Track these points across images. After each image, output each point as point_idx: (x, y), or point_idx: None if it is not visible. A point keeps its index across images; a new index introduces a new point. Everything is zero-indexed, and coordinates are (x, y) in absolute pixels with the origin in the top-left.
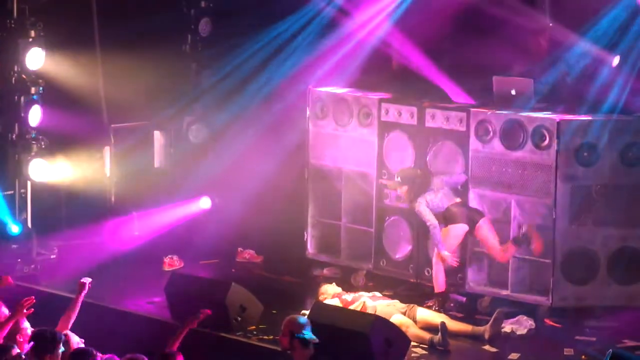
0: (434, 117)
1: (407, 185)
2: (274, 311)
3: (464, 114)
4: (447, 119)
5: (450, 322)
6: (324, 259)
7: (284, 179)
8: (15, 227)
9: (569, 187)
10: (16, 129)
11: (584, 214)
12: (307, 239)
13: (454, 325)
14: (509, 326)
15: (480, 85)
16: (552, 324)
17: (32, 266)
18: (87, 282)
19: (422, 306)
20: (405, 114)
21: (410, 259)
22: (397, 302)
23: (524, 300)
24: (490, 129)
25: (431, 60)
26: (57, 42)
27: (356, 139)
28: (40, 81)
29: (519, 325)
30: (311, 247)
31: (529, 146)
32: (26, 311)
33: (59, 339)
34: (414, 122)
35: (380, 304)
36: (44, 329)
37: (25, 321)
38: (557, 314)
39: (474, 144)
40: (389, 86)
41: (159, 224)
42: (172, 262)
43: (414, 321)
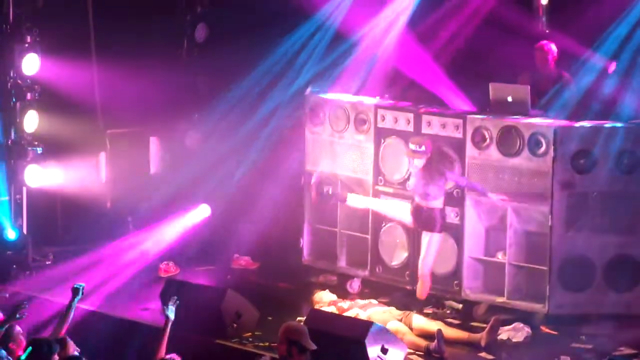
0: (430, 123)
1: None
2: (270, 318)
3: (460, 121)
4: (443, 126)
5: (446, 329)
6: (320, 266)
7: (280, 185)
8: (12, 233)
9: (565, 194)
10: (12, 135)
11: (581, 221)
12: (303, 245)
13: (450, 332)
14: (505, 333)
15: (481, 92)
16: (548, 331)
17: (28, 272)
18: (81, 287)
19: (418, 313)
20: (401, 120)
21: (406, 266)
22: (393, 309)
23: (520, 307)
24: (486, 136)
25: (438, 67)
26: (53, 48)
27: (352, 146)
28: (36, 87)
29: (515, 332)
30: (307, 254)
31: (526, 153)
32: (19, 317)
33: (54, 350)
34: (411, 128)
35: (375, 311)
36: (41, 338)
37: (17, 327)
38: (553, 321)
39: (470, 150)
40: (392, 92)
41: (164, 239)
42: (167, 269)
43: (410, 328)
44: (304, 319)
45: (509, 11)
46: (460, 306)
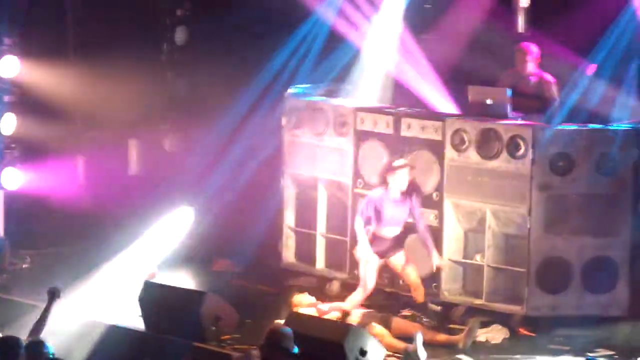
0: (409, 126)
1: None
2: (249, 320)
3: (439, 123)
4: (422, 128)
5: (424, 331)
6: (300, 268)
7: (259, 188)
8: None
9: (544, 197)
10: None
11: (559, 223)
12: (282, 248)
13: (429, 334)
14: (483, 335)
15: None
16: (526, 333)
17: (4, 275)
18: (58, 290)
19: (397, 315)
20: (381, 123)
21: (384, 268)
22: (371, 312)
23: (498, 309)
24: (466, 138)
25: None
26: (32, 50)
27: (332, 148)
28: (14, 89)
29: (493, 334)
30: (286, 257)
31: (505, 155)
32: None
33: (20, 345)
34: (390, 131)
35: (354, 314)
36: (7, 336)
37: None
38: (531, 323)
39: (449, 153)
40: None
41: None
42: (146, 271)
43: (389, 330)
44: (283, 322)
45: (490, 12)
46: (439, 308)
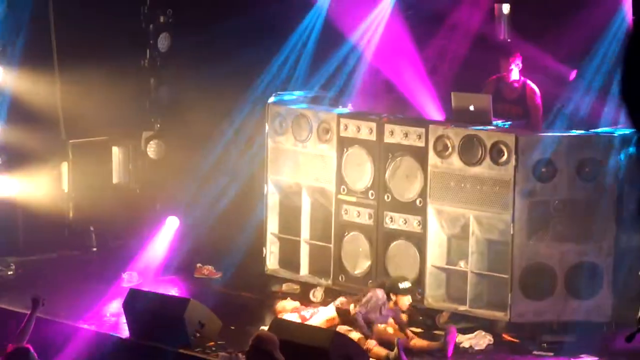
0: (392, 132)
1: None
2: (233, 327)
3: (422, 130)
4: (405, 135)
5: (407, 337)
6: (283, 275)
7: (243, 194)
8: None
9: (527, 203)
10: None
11: (542, 229)
12: (265, 254)
13: (412, 341)
14: (467, 341)
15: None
16: (509, 339)
17: None
18: (41, 298)
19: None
20: (364, 130)
21: (368, 275)
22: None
23: (482, 315)
24: (449, 145)
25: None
26: (15, 58)
27: (315, 155)
28: None
29: (477, 340)
30: (270, 263)
31: (487, 162)
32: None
33: (31, 356)
34: (373, 137)
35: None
36: (18, 346)
37: None
38: (514, 329)
39: (432, 159)
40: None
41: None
42: (130, 278)
43: (371, 337)
44: (267, 328)
45: (474, 19)
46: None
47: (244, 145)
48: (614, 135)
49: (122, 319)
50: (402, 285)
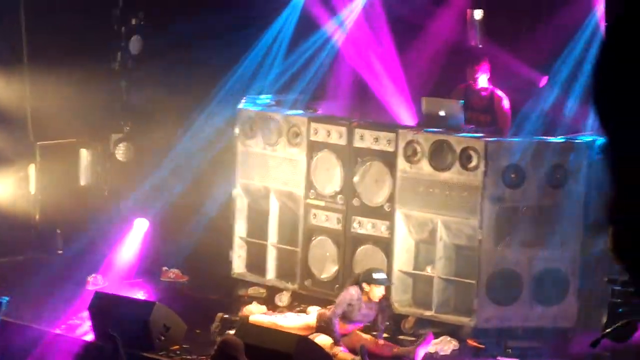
0: (362, 137)
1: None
2: (198, 331)
3: (392, 135)
4: (375, 140)
5: (373, 343)
6: (250, 279)
7: (211, 197)
8: None
9: (495, 209)
10: None
11: (510, 235)
12: (232, 258)
13: (378, 346)
14: (432, 347)
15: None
16: (475, 344)
17: None
18: (4, 300)
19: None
20: (334, 134)
21: (335, 279)
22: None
23: (448, 320)
24: (418, 150)
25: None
26: None
27: (284, 159)
28: None
29: (442, 345)
30: (237, 267)
31: (457, 167)
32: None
33: None
34: (343, 142)
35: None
36: None
37: None
38: (480, 334)
39: (401, 164)
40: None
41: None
42: (95, 281)
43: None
44: (233, 332)
45: (449, 25)
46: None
47: (213, 148)
48: (582, 141)
49: (87, 322)
50: (376, 275)
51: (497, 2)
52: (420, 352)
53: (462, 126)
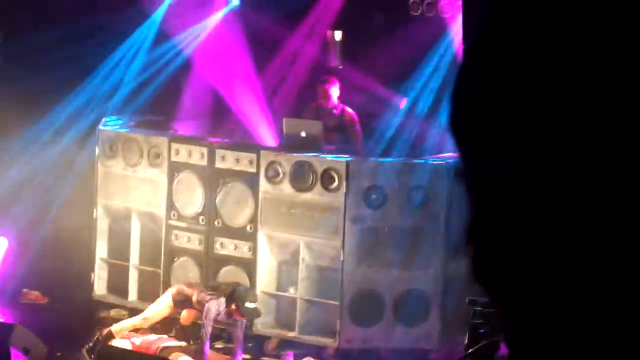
0: (224, 157)
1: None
2: (59, 353)
3: (254, 155)
4: (237, 160)
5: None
6: (112, 300)
7: (71, 218)
8: None
9: (357, 229)
10: None
11: (372, 256)
12: (94, 279)
13: None
14: None
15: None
16: None
17: None
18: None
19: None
20: (195, 154)
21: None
22: (183, 343)
23: (311, 341)
24: (280, 171)
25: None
26: None
27: (145, 179)
28: None
29: None
30: (98, 289)
31: (318, 188)
32: None
33: None
34: (205, 162)
35: (167, 345)
36: None
37: None
38: (343, 355)
39: (263, 185)
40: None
41: None
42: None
43: None
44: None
45: (311, 46)
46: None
47: (73, 166)
48: (444, 163)
49: None
50: (248, 304)
51: (353, 23)
52: None
53: (323, 147)
